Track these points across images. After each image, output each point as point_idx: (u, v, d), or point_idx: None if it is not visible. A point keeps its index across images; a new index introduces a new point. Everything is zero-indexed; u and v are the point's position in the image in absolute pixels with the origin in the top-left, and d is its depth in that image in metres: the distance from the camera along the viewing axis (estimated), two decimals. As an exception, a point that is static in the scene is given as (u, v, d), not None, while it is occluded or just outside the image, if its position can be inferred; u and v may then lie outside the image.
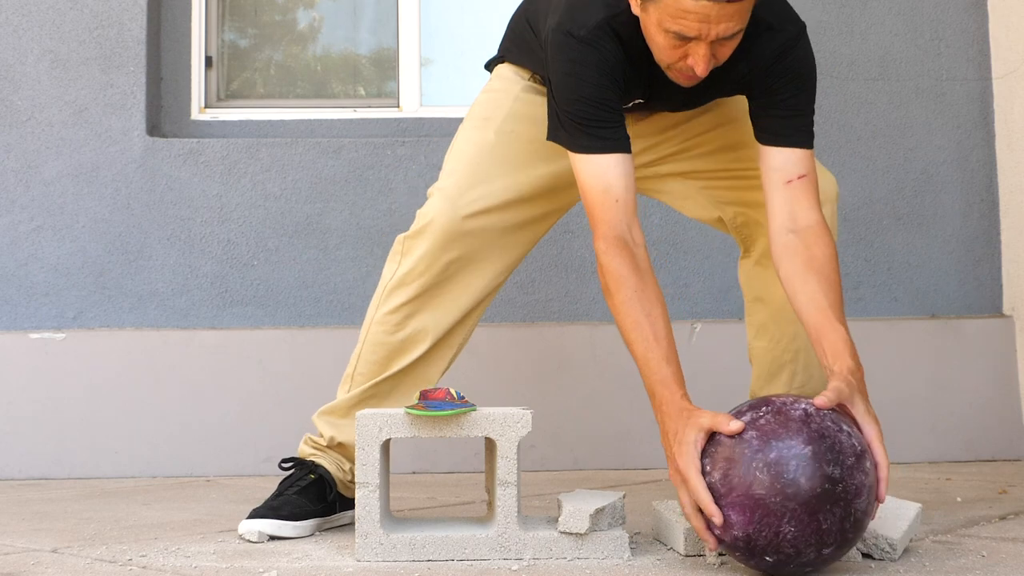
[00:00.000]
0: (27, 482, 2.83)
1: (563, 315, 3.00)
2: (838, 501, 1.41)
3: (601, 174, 1.72)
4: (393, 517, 1.76)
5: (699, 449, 1.49)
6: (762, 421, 1.46)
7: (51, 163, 3.03)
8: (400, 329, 1.92)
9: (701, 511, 1.47)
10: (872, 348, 2.98)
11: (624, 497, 1.68)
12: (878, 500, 1.48)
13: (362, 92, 3.29)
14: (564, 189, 1.96)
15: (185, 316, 3.00)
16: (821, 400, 1.48)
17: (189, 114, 3.17)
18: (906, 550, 1.62)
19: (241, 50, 3.30)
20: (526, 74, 2.00)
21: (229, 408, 2.91)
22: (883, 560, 1.56)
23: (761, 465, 1.42)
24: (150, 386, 2.92)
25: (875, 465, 1.48)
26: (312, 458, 1.96)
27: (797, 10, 3.10)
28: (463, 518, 1.79)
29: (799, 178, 1.74)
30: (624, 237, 1.69)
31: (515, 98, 1.97)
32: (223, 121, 3.18)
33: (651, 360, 1.62)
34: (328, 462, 1.95)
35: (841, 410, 1.51)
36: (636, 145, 1.93)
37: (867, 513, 1.46)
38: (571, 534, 1.60)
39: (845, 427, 1.47)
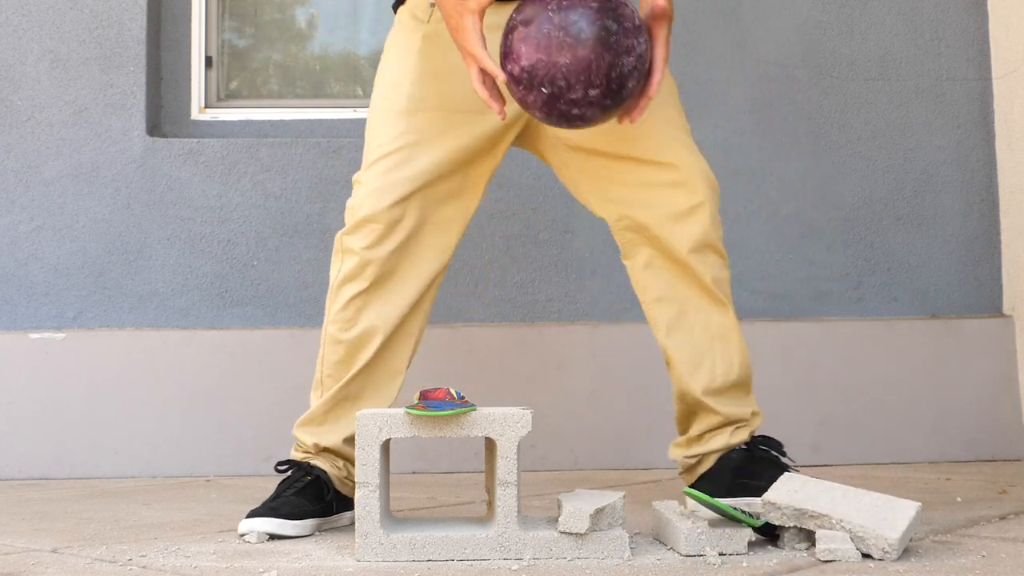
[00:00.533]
0: (27, 482, 2.83)
1: (563, 315, 3.00)
2: (609, 48, 1.69)
3: None
4: (393, 517, 1.76)
5: (477, 29, 1.77)
6: None
7: (51, 163, 3.03)
8: (353, 326, 1.95)
9: (486, 84, 1.76)
10: (872, 348, 2.99)
11: (624, 497, 1.68)
12: (638, 105, 1.78)
13: (361, 92, 3.29)
14: (486, 152, 2.00)
15: (185, 316, 3.00)
16: (660, 3, 1.77)
17: (189, 114, 3.17)
18: (906, 550, 1.62)
19: (241, 50, 3.30)
20: (424, 13, 1.99)
21: (229, 408, 2.92)
22: (883, 560, 1.56)
23: (554, 7, 1.70)
24: (150, 386, 2.92)
25: (650, 76, 1.78)
26: (307, 459, 1.97)
27: (797, 10, 3.13)
28: (463, 518, 1.79)
29: None
30: None
31: (418, 53, 1.97)
32: (223, 121, 3.18)
33: None
34: (322, 462, 1.96)
35: (655, 26, 1.80)
36: None
37: (631, 76, 1.73)
38: (571, 534, 1.60)
39: (633, 7, 1.75)
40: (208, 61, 3.21)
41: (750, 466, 1.96)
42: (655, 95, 1.80)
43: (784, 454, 2.02)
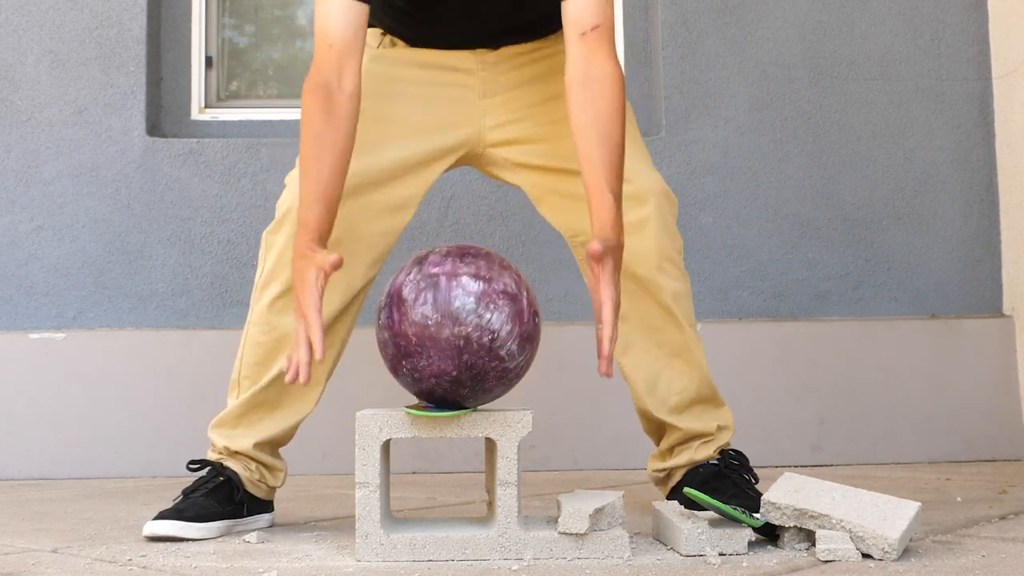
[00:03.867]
0: (27, 482, 2.82)
1: (563, 315, 3.00)
2: (477, 360, 1.58)
3: (324, 15, 1.79)
4: (393, 517, 1.76)
5: (319, 286, 1.63)
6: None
7: (51, 163, 3.03)
8: (273, 329, 1.91)
9: (309, 346, 1.62)
10: (872, 348, 2.99)
11: (624, 497, 1.68)
12: (601, 357, 1.59)
13: (362, 92, 3.28)
14: (423, 167, 1.97)
15: (185, 316, 3.00)
16: (595, 247, 1.59)
17: (189, 114, 3.17)
18: (906, 550, 1.62)
19: (241, 50, 3.30)
20: (375, 39, 2.00)
21: (229, 408, 2.91)
22: (883, 560, 1.56)
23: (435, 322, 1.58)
24: (150, 386, 2.92)
25: (603, 332, 1.60)
26: (220, 460, 1.95)
27: (797, 10, 3.13)
28: (463, 518, 1.79)
29: (592, 29, 1.79)
30: (328, 83, 1.76)
31: (365, 72, 1.92)
32: (223, 121, 3.18)
33: (304, 200, 1.72)
34: (235, 464, 1.94)
35: (595, 268, 1.62)
36: (498, 116, 1.98)
37: (499, 382, 1.61)
38: (571, 534, 1.60)
39: (533, 300, 1.65)
40: (208, 61, 3.21)
41: (714, 482, 1.94)
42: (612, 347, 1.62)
43: (750, 471, 1.99)
